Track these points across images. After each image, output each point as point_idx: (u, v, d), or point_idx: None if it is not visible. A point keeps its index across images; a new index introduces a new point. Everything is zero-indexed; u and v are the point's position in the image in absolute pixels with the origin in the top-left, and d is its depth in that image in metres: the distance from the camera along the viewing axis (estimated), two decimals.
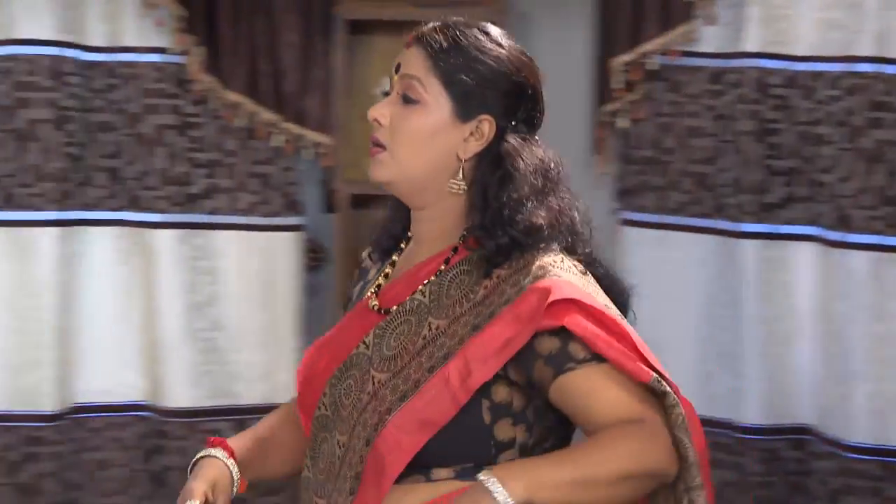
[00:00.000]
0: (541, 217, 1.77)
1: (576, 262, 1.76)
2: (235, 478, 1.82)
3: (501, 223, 1.76)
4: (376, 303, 1.85)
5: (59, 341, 2.95)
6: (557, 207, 1.78)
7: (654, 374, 1.66)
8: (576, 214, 1.79)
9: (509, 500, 1.58)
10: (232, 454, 1.84)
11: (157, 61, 2.98)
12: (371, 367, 1.78)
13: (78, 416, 2.99)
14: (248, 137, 3.02)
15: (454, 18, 1.85)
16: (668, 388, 1.65)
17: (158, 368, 3.02)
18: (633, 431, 1.66)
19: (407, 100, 1.77)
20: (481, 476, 1.60)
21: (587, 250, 1.79)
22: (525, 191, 1.78)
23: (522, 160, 1.80)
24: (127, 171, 3.00)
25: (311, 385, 1.86)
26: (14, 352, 2.94)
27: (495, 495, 1.58)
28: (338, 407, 1.81)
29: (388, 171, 1.78)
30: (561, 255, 1.76)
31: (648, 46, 2.96)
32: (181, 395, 3.02)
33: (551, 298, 1.66)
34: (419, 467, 1.71)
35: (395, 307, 1.81)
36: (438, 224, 1.83)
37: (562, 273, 1.71)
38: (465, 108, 1.77)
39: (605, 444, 1.65)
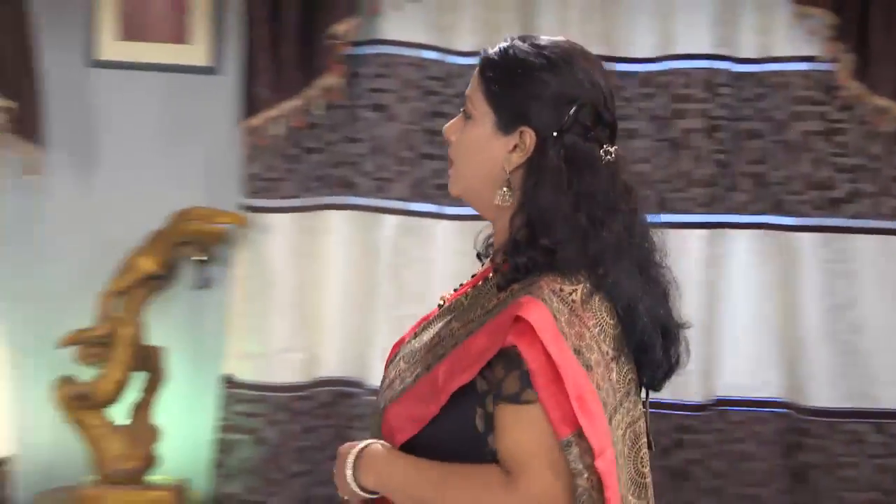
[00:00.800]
0: (563, 242, 1.66)
1: (581, 296, 1.63)
2: None
3: (525, 241, 1.67)
4: (442, 302, 1.86)
5: (705, 337, 3.11)
6: (590, 232, 1.65)
7: (569, 435, 1.57)
8: (621, 241, 1.65)
9: (354, 483, 1.72)
10: None
11: (805, 69, 3.07)
12: (401, 358, 1.81)
13: (721, 409, 3.13)
14: (894, 142, 3.05)
15: (520, 35, 1.76)
16: (574, 455, 1.57)
17: (797, 367, 3.10)
18: (490, 483, 1.64)
19: (466, 116, 1.76)
20: (351, 454, 1.73)
21: (610, 280, 1.64)
22: (553, 211, 1.67)
23: (559, 176, 1.69)
24: (772, 177, 3.11)
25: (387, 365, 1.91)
26: None
27: (346, 472, 1.72)
28: (382, 390, 1.84)
29: (454, 186, 1.78)
30: (573, 284, 1.64)
31: None
32: (820, 394, 3.09)
33: (519, 313, 1.59)
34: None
35: (437, 307, 1.85)
36: (501, 235, 1.76)
37: (550, 300, 1.61)
38: (506, 120, 1.72)
39: (460, 479, 1.66)
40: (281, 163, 3.01)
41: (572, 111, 1.69)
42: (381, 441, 1.74)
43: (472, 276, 1.83)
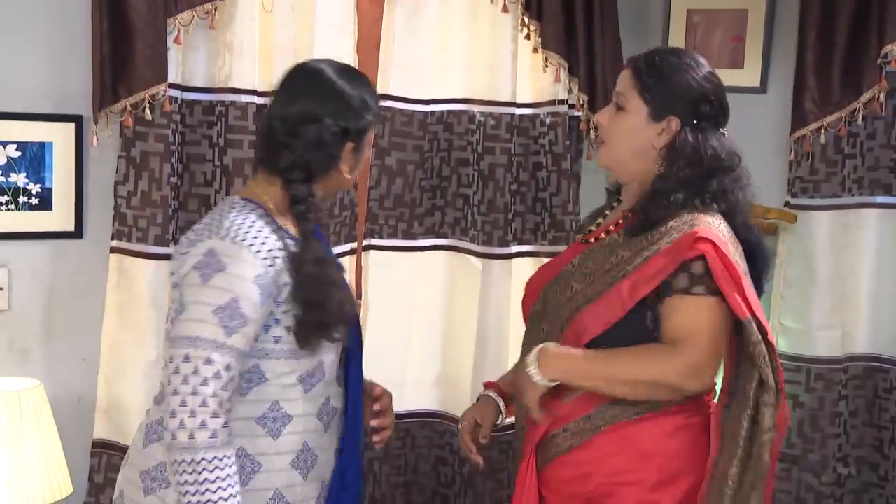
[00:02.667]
0: (697, 191, 2.32)
1: (728, 228, 2.31)
2: (502, 408, 2.53)
3: (668, 192, 2.32)
4: (583, 237, 2.51)
5: None
6: (720, 186, 2.34)
7: (749, 316, 2.22)
8: (739, 194, 2.37)
9: (541, 379, 2.30)
10: (500, 391, 2.55)
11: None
12: (572, 279, 2.41)
13: None
14: None
15: (660, 47, 2.28)
16: (755, 329, 2.22)
17: None
18: (656, 352, 2.27)
19: (618, 107, 2.41)
20: (529, 357, 2.31)
21: (742, 220, 2.36)
22: (687, 172, 2.33)
23: (694, 149, 2.34)
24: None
25: (530, 292, 2.54)
26: None
27: (529, 369, 2.31)
28: (545, 304, 2.46)
29: (604, 159, 2.46)
30: (720, 218, 2.33)
31: None
32: None
33: (698, 235, 2.24)
34: None
35: (593, 240, 2.45)
36: (629, 192, 2.45)
37: (712, 227, 2.28)
38: (657, 111, 2.37)
39: (633, 355, 2.28)
40: (823, 167, 3.51)
41: (706, 107, 2.37)
42: (552, 343, 2.32)
43: (599, 221, 2.53)
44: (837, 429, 3.51)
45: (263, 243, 2.20)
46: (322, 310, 2.23)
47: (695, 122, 2.37)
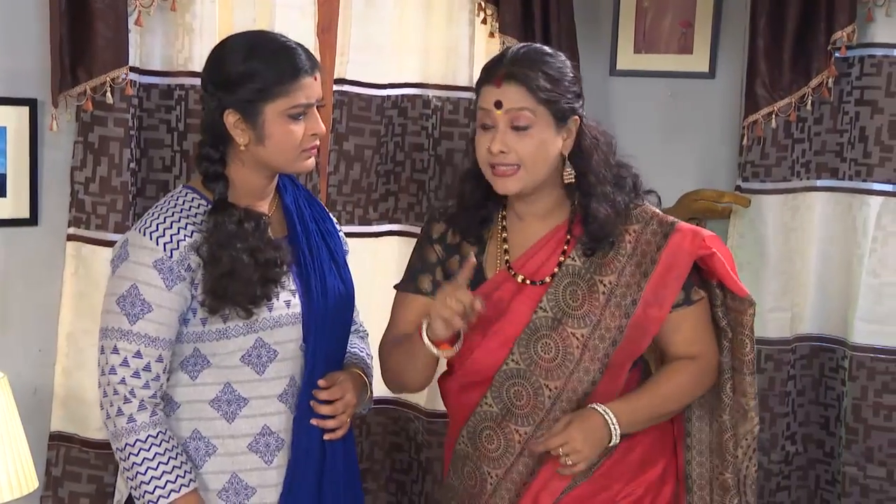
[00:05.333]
0: (630, 177, 2.34)
1: None
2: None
3: (614, 190, 2.27)
4: (522, 276, 2.30)
5: None
6: (626, 171, 2.36)
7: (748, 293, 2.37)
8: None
9: (617, 428, 2.25)
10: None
11: None
12: (565, 326, 2.26)
13: None
14: None
15: (523, 50, 2.22)
16: (754, 302, 2.37)
17: None
18: (690, 369, 2.38)
19: (518, 129, 2.20)
20: (598, 407, 2.26)
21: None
22: (611, 161, 2.30)
23: (599, 141, 2.30)
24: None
25: (494, 348, 2.29)
26: None
27: (608, 420, 2.25)
28: (535, 361, 2.27)
29: (522, 184, 2.25)
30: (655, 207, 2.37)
31: None
32: None
33: (703, 235, 2.32)
34: None
35: (549, 277, 2.28)
36: (544, 205, 2.31)
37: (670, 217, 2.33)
38: (561, 118, 2.24)
39: (676, 384, 2.37)
40: (774, 151, 3.57)
41: (582, 95, 2.30)
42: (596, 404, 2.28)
43: (500, 248, 2.37)
44: (786, 408, 3.58)
45: (169, 228, 2.20)
46: (219, 278, 2.19)
47: (583, 113, 2.32)
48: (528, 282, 2.30)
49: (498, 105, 2.19)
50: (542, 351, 2.27)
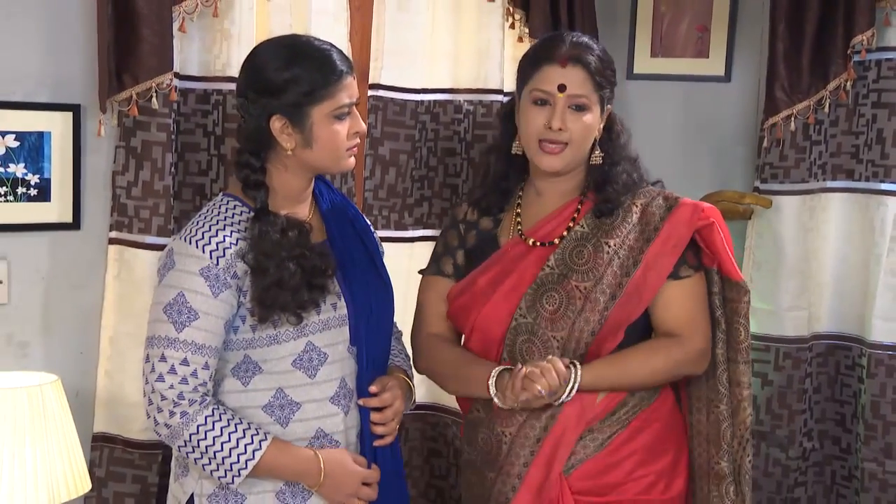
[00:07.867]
0: (641, 167, 2.53)
1: None
2: None
3: (627, 170, 2.47)
4: (533, 239, 2.47)
5: None
6: (636, 155, 2.57)
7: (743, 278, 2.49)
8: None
9: (577, 383, 2.32)
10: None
11: None
12: (570, 280, 2.39)
13: None
14: None
15: (578, 35, 2.45)
16: (748, 289, 2.50)
17: None
18: (671, 347, 2.42)
19: (578, 108, 2.40)
20: (567, 373, 2.31)
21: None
22: (630, 145, 2.52)
23: (623, 126, 2.54)
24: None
25: (474, 306, 2.46)
26: None
27: (574, 375, 2.32)
28: (540, 314, 2.40)
29: (566, 162, 2.44)
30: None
31: None
32: None
33: (703, 207, 2.46)
34: None
35: (557, 239, 2.44)
36: (567, 184, 2.49)
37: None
38: (605, 104, 2.46)
39: (650, 354, 2.43)
40: (793, 153, 3.64)
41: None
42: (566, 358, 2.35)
43: (513, 221, 2.54)
44: (803, 405, 3.65)
45: (214, 236, 2.21)
46: (267, 288, 2.22)
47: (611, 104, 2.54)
48: (538, 244, 2.47)
49: (562, 88, 2.38)
50: (547, 304, 2.41)
